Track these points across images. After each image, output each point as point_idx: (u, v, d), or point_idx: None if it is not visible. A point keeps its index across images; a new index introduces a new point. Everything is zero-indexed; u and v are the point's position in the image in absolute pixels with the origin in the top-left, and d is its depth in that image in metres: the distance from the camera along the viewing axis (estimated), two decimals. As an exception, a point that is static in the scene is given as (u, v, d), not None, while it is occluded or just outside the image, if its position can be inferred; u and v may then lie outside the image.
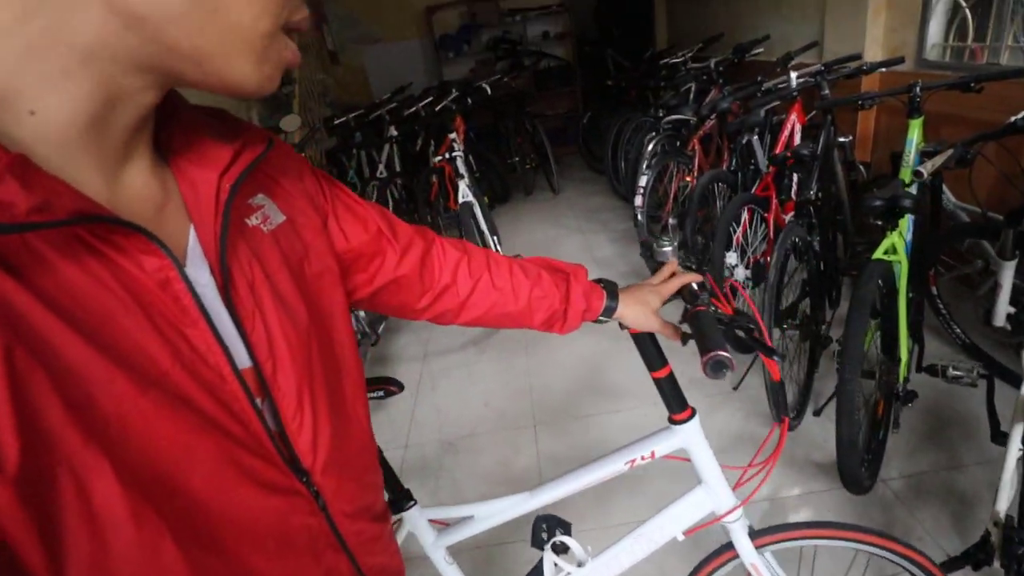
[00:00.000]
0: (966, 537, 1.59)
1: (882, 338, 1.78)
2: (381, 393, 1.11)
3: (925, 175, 1.58)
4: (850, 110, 2.56)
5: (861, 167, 2.66)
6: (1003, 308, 1.80)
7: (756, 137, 2.53)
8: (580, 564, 1.13)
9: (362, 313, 2.73)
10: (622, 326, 1.00)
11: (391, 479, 1.16)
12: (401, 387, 1.12)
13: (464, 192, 3.08)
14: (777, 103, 2.54)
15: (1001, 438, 1.52)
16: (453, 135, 3.23)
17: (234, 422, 0.46)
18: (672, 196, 3.06)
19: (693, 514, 1.07)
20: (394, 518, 1.19)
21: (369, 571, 0.62)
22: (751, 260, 2.40)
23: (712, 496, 1.05)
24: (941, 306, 2.23)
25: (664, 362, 0.99)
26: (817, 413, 2.06)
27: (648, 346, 0.99)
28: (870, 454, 1.74)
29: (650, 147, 3.21)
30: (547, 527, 1.17)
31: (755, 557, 1.08)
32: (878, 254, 1.69)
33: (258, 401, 0.49)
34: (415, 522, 1.18)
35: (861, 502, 1.73)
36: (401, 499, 1.17)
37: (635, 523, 1.13)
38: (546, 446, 2.21)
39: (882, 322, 1.76)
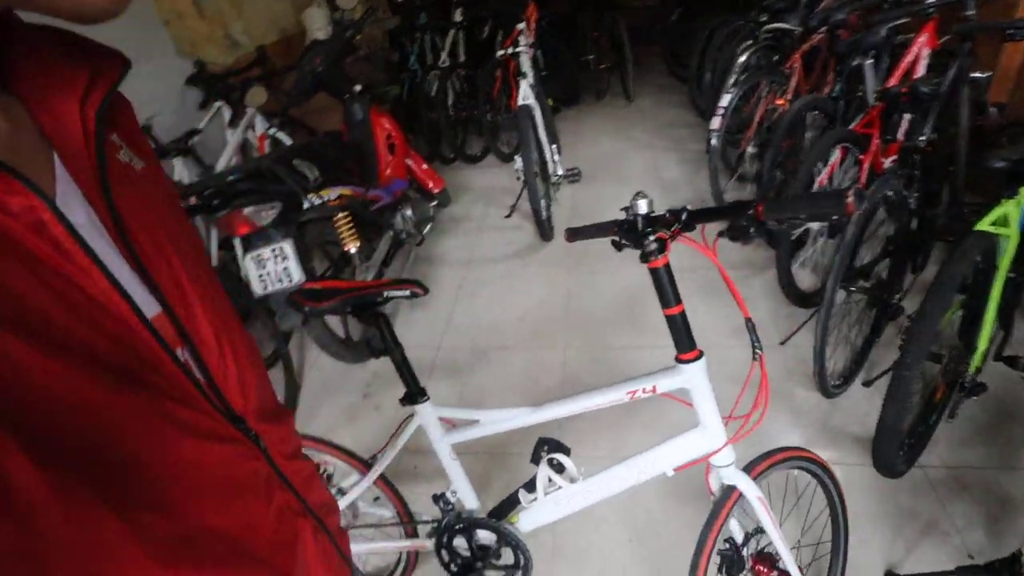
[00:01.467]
0: (996, 544, 1.50)
1: (963, 319, 1.59)
2: (407, 293, 1.13)
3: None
4: (996, 39, 2.13)
5: (994, 110, 2.25)
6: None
7: (871, 61, 2.16)
8: (572, 481, 1.18)
9: (408, 212, 2.70)
10: (642, 259, 1.02)
11: (408, 374, 1.21)
12: (426, 290, 1.15)
13: (525, 93, 2.86)
14: (905, 20, 2.14)
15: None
16: (522, 26, 2.95)
17: (155, 375, 0.42)
18: (757, 120, 2.73)
19: (686, 452, 1.11)
20: (407, 412, 1.25)
21: (315, 507, 0.63)
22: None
23: (707, 438, 1.09)
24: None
25: (678, 300, 1.03)
26: (867, 384, 1.92)
27: (664, 281, 1.01)
28: (913, 439, 1.63)
29: (742, 58, 2.83)
30: (548, 448, 1.23)
31: (757, 490, 1.12)
32: (984, 224, 1.46)
33: (178, 351, 0.46)
34: (426, 417, 1.23)
35: (891, 483, 1.65)
36: (416, 394, 1.22)
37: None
38: (573, 370, 2.21)
39: (968, 301, 1.56)
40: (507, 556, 1.31)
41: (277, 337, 2.18)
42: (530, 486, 1.27)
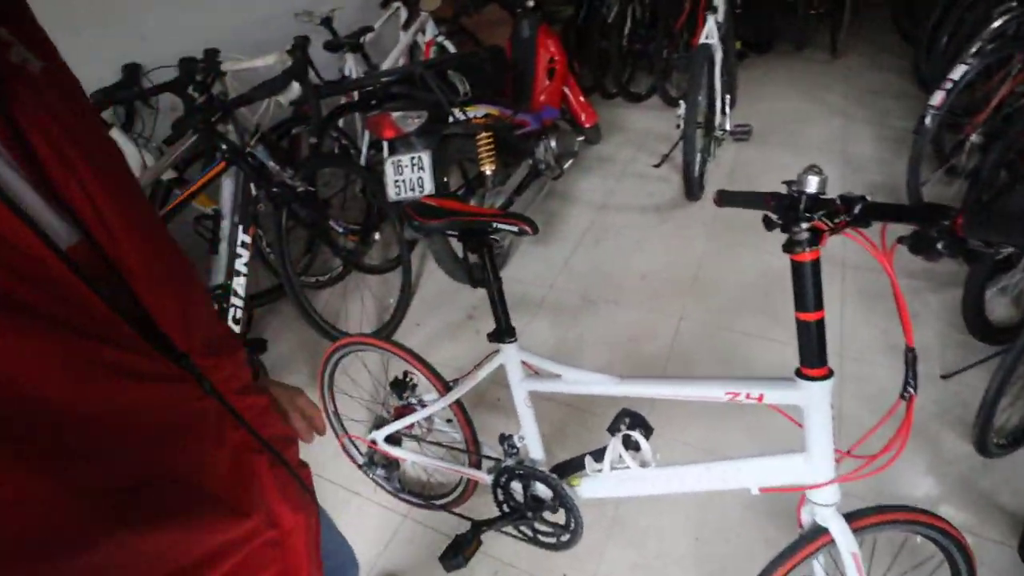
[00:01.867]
0: None
1: None
2: (516, 229, 1.08)
3: None
4: None
5: None
6: None
7: None
8: (643, 465, 1.11)
9: (553, 143, 2.60)
10: (785, 248, 0.88)
11: (501, 309, 1.19)
12: (535, 230, 1.09)
13: (710, 31, 2.54)
14: None
15: None
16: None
17: (79, 314, 0.38)
18: (995, 104, 2.17)
19: (780, 476, 0.99)
20: (493, 349, 1.23)
21: (271, 441, 0.59)
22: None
23: (810, 469, 0.95)
24: None
25: (819, 305, 0.87)
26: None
27: (807, 280, 0.87)
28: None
29: (998, 22, 2.24)
30: (629, 422, 1.15)
31: (853, 543, 0.97)
32: None
33: (101, 284, 0.40)
34: (509, 357, 1.21)
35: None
36: (504, 332, 1.20)
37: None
38: (683, 343, 2.05)
39: None
40: (559, 515, 1.29)
41: (402, 243, 2.29)
42: (599, 455, 1.22)
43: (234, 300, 1.72)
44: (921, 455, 1.64)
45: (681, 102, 2.52)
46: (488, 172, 2.24)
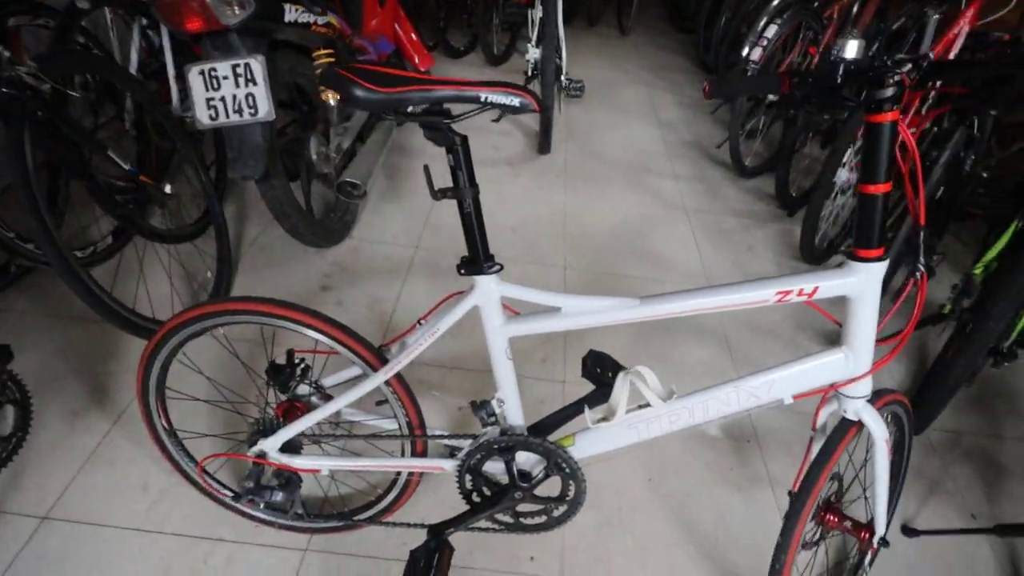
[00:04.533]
0: (994, 506, 1.49)
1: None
2: (518, 102, 0.79)
3: None
4: None
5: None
6: None
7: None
8: (665, 399, 0.93)
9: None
10: (868, 108, 0.74)
11: (479, 230, 0.88)
12: (543, 106, 0.78)
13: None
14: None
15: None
16: None
17: None
18: (788, 63, 2.55)
19: (820, 376, 0.90)
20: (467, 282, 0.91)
21: None
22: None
23: (850, 362, 0.88)
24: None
25: (889, 176, 0.76)
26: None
27: (884, 144, 0.74)
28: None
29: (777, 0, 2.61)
30: (601, 364, 1.00)
31: (886, 430, 0.96)
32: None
33: None
34: (486, 296, 0.90)
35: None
36: (483, 259, 0.88)
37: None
38: (578, 291, 1.92)
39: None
40: (547, 487, 1.03)
41: (210, 194, 1.68)
42: (593, 400, 1.00)
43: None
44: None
45: (530, 47, 2.39)
46: (332, 103, 1.78)
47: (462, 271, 0.90)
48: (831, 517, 1.11)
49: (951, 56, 2.07)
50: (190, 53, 1.81)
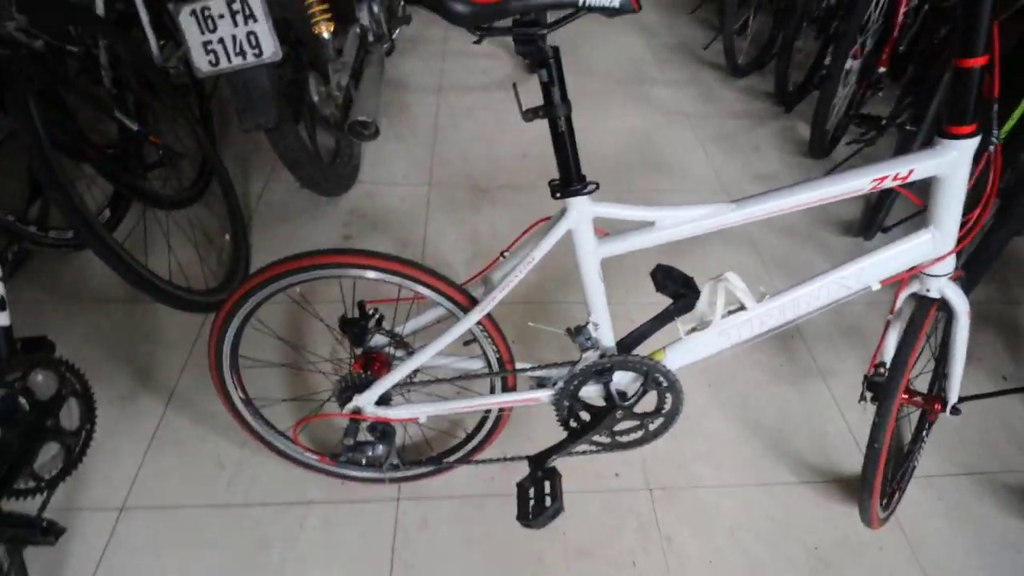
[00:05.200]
0: (1021, 364, 1.59)
1: None
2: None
3: None
4: None
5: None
6: None
7: None
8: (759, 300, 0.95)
9: (375, 5, 2.04)
10: None
11: (570, 147, 0.84)
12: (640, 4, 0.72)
13: None
14: None
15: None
16: None
17: None
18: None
19: (909, 258, 0.92)
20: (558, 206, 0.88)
21: None
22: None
23: (937, 241, 0.90)
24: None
25: (988, 48, 0.73)
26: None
27: (984, 11, 0.70)
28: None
29: None
30: (672, 277, 0.99)
31: (967, 304, 1.00)
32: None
33: None
34: (580, 216, 0.87)
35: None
36: (576, 179, 0.85)
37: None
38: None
39: None
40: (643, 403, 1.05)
41: (208, 152, 1.54)
42: (680, 309, 0.99)
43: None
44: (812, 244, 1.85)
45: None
46: (326, 36, 1.63)
47: (557, 195, 0.86)
48: (904, 396, 1.16)
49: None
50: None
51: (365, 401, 0.99)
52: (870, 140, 2.11)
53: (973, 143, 0.81)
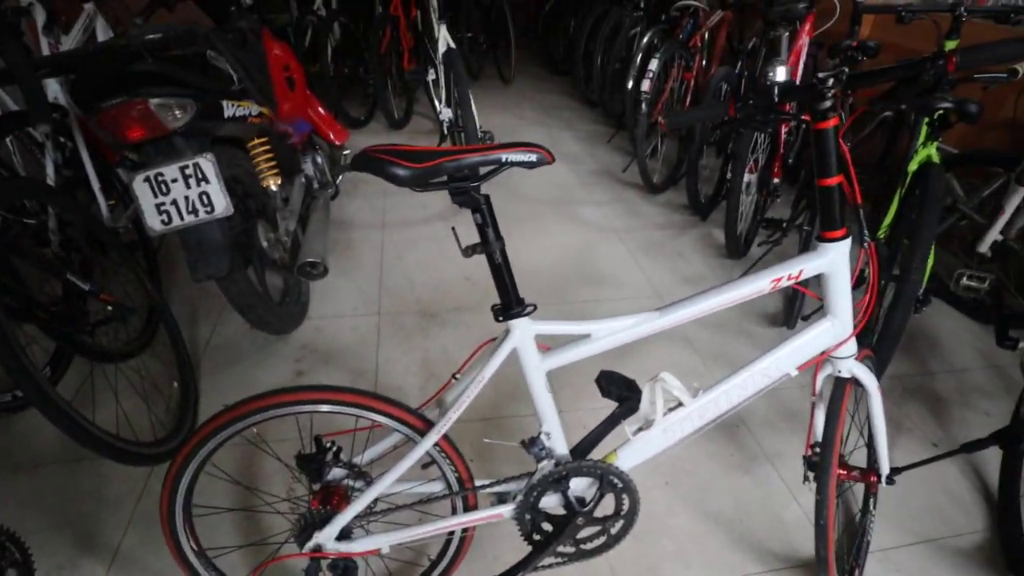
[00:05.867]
0: (947, 432, 1.71)
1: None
2: (534, 157, 0.87)
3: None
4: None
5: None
6: (992, 236, 1.93)
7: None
8: (694, 396, 1.04)
9: (319, 158, 2.23)
10: (816, 118, 0.89)
11: (508, 276, 0.93)
12: (553, 158, 0.87)
13: (446, 38, 2.60)
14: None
15: (1009, 342, 1.64)
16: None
17: None
18: (667, 92, 2.88)
19: (815, 346, 1.03)
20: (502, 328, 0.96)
21: None
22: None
23: (836, 328, 1.01)
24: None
25: (840, 169, 0.91)
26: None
27: (830, 146, 0.89)
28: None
29: (645, 39, 2.96)
30: (614, 383, 1.06)
31: (875, 380, 1.11)
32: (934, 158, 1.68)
33: None
34: (523, 337, 0.95)
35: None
36: (515, 303, 0.93)
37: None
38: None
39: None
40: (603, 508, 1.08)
41: (156, 302, 1.58)
42: (623, 415, 1.06)
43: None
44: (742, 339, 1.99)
45: (441, 107, 2.52)
46: (273, 188, 1.77)
47: (500, 318, 0.94)
48: (842, 471, 1.24)
49: (800, 63, 2.45)
50: (104, 162, 1.72)
51: (325, 537, 0.97)
52: (776, 240, 2.38)
53: (846, 244, 0.96)
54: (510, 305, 0.94)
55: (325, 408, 0.95)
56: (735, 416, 1.71)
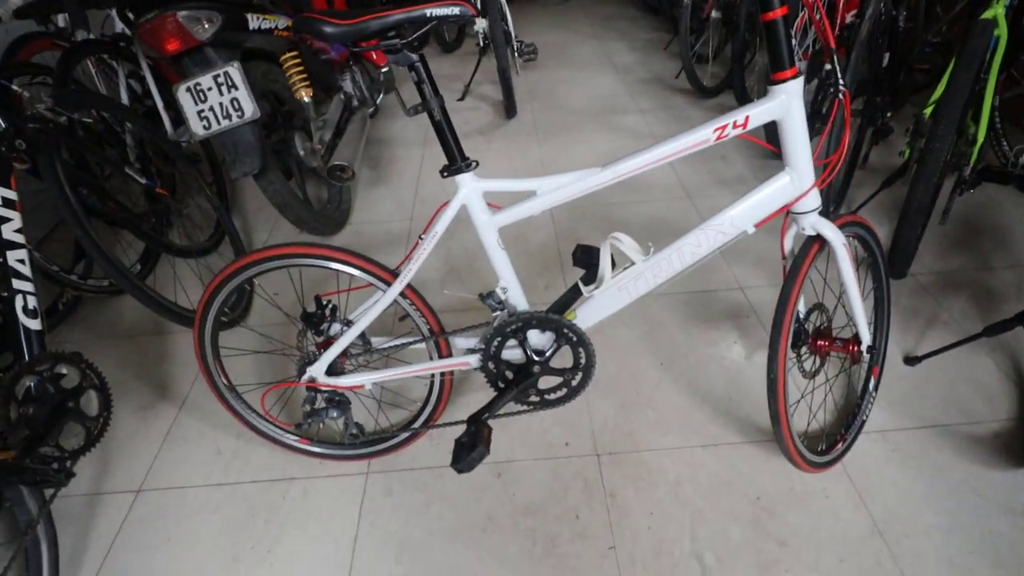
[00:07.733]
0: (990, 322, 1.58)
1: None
2: (457, 10, 0.93)
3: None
4: None
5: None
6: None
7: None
8: (645, 256, 1.08)
9: (358, 76, 2.37)
10: None
11: (449, 133, 1.01)
12: (479, 11, 0.92)
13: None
14: None
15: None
16: None
17: None
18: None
19: (773, 200, 1.01)
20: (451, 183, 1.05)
21: None
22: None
23: (796, 180, 0.99)
24: (997, 118, 2.08)
25: (783, 1, 0.86)
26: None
27: None
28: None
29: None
30: (584, 253, 1.13)
31: (842, 237, 1.06)
32: (987, 15, 1.47)
33: None
34: (471, 191, 1.04)
35: (894, 286, 1.71)
36: (459, 158, 1.02)
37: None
38: (564, 226, 2.07)
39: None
40: (561, 359, 1.17)
41: (216, 206, 1.83)
42: (587, 278, 1.13)
43: (19, 284, 1.16)
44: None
45: (477, 20, 2.53)
46: (306, 99, 1.93)
47: (444, 174, 1.04)
48: (822, 343, 1.23)
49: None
50: (168, 82, 1.98)
51: (316, 371, 1.16)
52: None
53: (796, 84, 0.93)
54: (454, 160, 1.03)
55: (307, 262, 1.11)
56: (745, 305, 1.70)
